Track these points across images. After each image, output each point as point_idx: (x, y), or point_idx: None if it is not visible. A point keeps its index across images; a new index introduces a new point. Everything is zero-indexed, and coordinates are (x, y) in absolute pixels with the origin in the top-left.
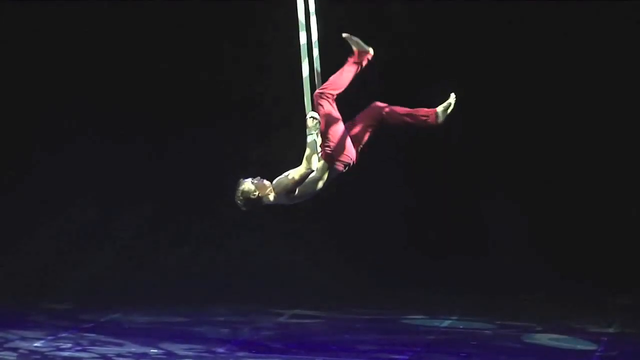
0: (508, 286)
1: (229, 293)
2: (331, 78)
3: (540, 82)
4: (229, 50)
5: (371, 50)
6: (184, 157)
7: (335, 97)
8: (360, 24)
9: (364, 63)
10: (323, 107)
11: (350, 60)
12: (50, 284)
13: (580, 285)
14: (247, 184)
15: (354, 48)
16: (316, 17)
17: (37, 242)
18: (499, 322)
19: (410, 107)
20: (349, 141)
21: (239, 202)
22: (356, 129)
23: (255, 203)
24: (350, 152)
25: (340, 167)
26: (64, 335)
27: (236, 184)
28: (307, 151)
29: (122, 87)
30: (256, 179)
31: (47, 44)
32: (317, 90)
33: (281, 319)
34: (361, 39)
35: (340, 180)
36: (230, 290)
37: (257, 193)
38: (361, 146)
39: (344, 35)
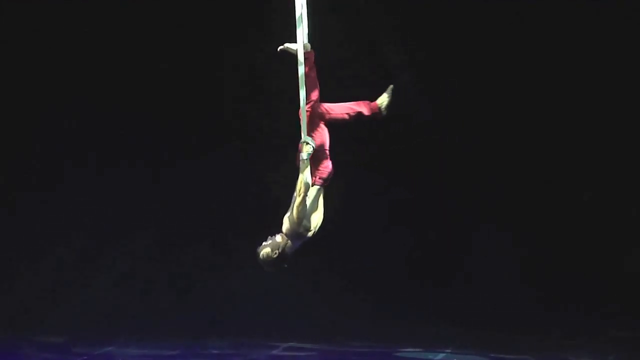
0: (502, 318)
1: (223, 325)
2: (338, 104)
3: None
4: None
5: (384, 110)
6: (180, 185)
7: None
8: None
9: (369, 114)
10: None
11: (368, 106)
12: (43, 317)
13: (576, 316)
14: (264, 250)
15: (382, 100)
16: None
17: (29, 275)
18: (492, 355)
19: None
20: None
21: (268, 269)
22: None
23: (281, 259)
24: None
25: (325, 183)
26: None
27: (256, 255)
28: (300, 177)
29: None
30: (268, 239)
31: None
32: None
33: (275, 352)
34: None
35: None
36: (224, 322)
37: (277, 251)
38: None
39: (390, 87)
